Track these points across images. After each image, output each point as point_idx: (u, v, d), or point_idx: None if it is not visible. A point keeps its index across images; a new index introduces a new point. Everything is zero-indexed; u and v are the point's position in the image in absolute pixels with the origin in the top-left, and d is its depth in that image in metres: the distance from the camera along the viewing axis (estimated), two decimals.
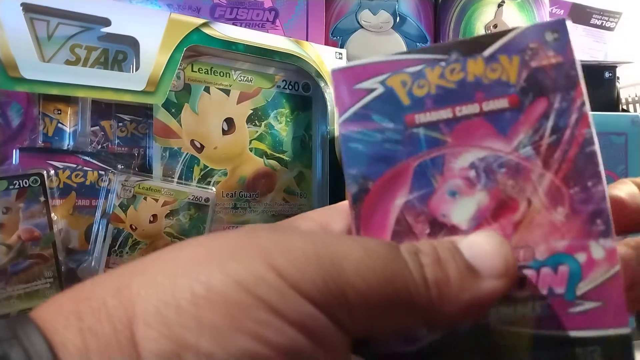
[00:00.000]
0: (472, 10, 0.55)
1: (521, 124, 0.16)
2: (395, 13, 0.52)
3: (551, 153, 0.16)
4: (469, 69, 0.17)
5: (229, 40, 0.37)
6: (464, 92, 0.17)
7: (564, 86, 0.16)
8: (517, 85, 0.16)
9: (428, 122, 0.17)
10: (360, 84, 0.17)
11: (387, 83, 0.17)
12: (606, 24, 0.64)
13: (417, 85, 0.17)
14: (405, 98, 0.17)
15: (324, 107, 0.42)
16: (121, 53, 0.35)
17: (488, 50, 0.17)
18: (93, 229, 0.35)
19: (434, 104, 0.17)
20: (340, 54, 0.43)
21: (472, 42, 0.17)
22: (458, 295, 0.15)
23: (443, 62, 0.17)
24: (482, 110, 0.17)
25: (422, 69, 0.17)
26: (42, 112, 0.35)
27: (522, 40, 0.16)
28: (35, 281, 0.33)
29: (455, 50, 0.17)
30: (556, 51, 0.16)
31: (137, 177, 0.36)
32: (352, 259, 0.15)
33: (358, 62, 0.17)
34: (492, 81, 0.17)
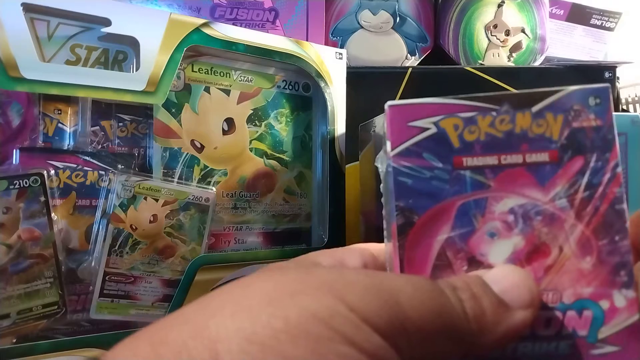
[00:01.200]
0: (472, 10, 0.55)
1: (559, 178, 0.18)
2: (395, 13, 0.52)
3: (584, 207, 0.18)
4: (518, 121, 0.18)
5: (229, 40, 0.37)
6: (510, 142, 0.18)
7: (601, 147, 0.18)
8: (558, 142, 0.18)
9: (475, 166, 0.18)
10: (415, 122, 0.18)
11: (441, 124, 0.18)
12: (606, 24, 0.64)
13: (468, 130, 0.18)
14: (456, 141, 0.18)
15: (324, 107, 0.42)
16: (121, 53, 0.35)
17: (537, 106, 0.18)
18: (93, 229, 0.35)
19: (482, 150, 0.18)
20: (340, 54, 0.43)
21: (523, 97, 0.18)
22: (494, 327, 0.17)
23: (494, 112, 0.18)
24: (524, 161, 0.18)
25: (474, 116, 0.18)
26: (42, 112, 0.35)
27: (568, 101, 0.18)
28: (35, 281, 0.33)
29: (507, 102, 0.18)
30: (597, 115, 0.18)
31: (137, 177, 0.36)
32: (406, 293, 0.16)
33: (415, 101, 0.18)
34: (536, 135, 0.18)
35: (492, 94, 0.18)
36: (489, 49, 0.55)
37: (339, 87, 0.43)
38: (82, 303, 0.35)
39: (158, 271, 0.36)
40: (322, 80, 0.42)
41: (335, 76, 0.42)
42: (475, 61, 0.55)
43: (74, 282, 0.35)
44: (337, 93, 0.43)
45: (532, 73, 0.51)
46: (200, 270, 0.36)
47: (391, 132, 0.18)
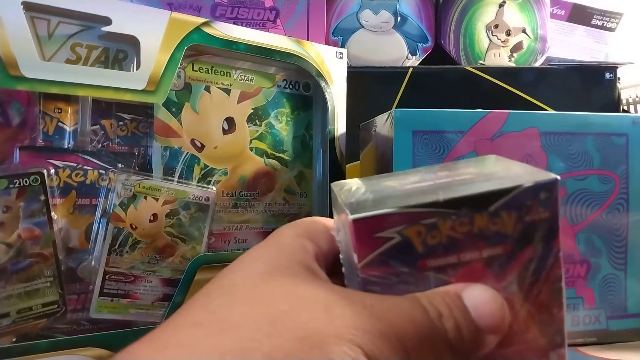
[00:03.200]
0: (473, 10, 0.55)
1: (511, 268, 0.20)
2: (396, 13, 0.52)
3: (530, 289, 0.20)
4: (476, 222, 0.19)
5: (230, 39, 0.37)
6: (468, 242, 0.19)
7: (547, 237, 0.20)
8: (512, 237, 0.19)
9: (437, 266, 0.19)
10: (380, 233, 0.19)
11: (405, 233, 0.19)
12: (607, 25, 0.64)
13: (430, 235, 0.19)
14: (420, 246, 0.19)
15: (324, 106, 0.42)
16: (122, 52, 0.35)
17: (493, 206, 0.19)
18: (93, 228, 0.35)
19: (443, 251, 0.19)
20: (340, 54, 0.43)
21: (480, 199, 0.19)
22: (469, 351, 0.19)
23: (454, 216, 0.19)
24: (481, 256, 0.20)
25: (435, 222, 0.19)
26: (42, 110, 0.35)
27: (522, 198, 0.19)
28: (35, 280, 0.33)
29: (466, 205, 0.19)
30: (546, 207, 0.19)
31: (137, 176, 0.36)
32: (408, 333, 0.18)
33: (376, 213, 0.19)
34: (492, 232, 0.19)
35: (450, 198, 0.19)
36: (490, 49, 0.55)
37: (339, 87, 0.43)
38: (82, 302, 0.35)
39: (158, 270, 0.36)
40: (323, 80, 0.42)
41: (336, 76, 0.42)
42: (476, 61, 0.55)
43: (74, 281, 0.35)
44: (338, 92, 0.42)
45: (533, 73, 0.51)
46: (200, 269, 0.36)
47: (357, 245, 0.19)
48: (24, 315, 0.33)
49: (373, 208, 0.19)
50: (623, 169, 0.37)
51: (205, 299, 0.19)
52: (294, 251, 0.21)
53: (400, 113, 0.34)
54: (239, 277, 0.20)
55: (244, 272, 0.20)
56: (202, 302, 0.19)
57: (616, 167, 0.37)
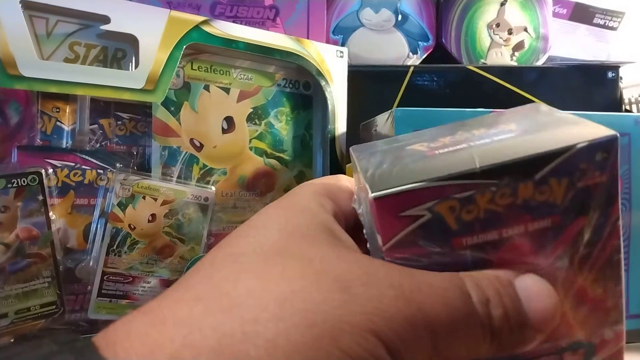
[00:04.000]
0: (475, 9, 0.54)
1: (561, 242, 0.17)
2: (396, 11, 0.52)
3: (583, 263, 0.18)
4: (519, 193, 0.17)
5: (229, 38, 0.37)
6: (511, 215, 0.17)
7: (604, 204, 0.17)
8: (562, 207, 0.17)
9: (475, 244, 0.17)
10: (406, 212, 0.16)
11: (435, 209, 0.16)
12: (609, 24, 0.63)
13: (466, 211, 0.17)
14: (454, 223, 0.17)
15: (324, 106, 0.42)
16: (120, 51, 0.34)
17: (540, 173, 0.16)
18: (91, 228, 0.35)
19: (481, 227, 0.17)
20: (341, 53, 0.42)
21: (525, 165, 0.16)
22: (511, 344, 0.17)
23: (494, 187, 0.16)
24: (526, 231, 0.17)
25: (472, 195, 0.16)
26: (40, 110, 0.35)
27: (573, 161, 0.16)
28: (33, 280, 0.33)
29: (508, 174, 0.16)
30: (602, 170, 0.17)
31: (135, 176, 0.35)
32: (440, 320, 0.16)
33: (403, 188, 0.16)
34: (539, 203, 0.17)
35: (488, 166, 0.16)
36: (492, 48, 0.55)
37: (339, 86, 0.42)
38: (80, 303, 0.35)
39: (157, 271, 0.36)
40: (323, 79, 0.41)
41: (336, 74, 0.42)
42: (477, 60, 0.55)
43: (72, 282, 0.35)
44: (338, 92, 0.42)
45: (534, 72, 0.50)
46: None
47: (381, 226, 0.17)
48: (22, 315, 0.33)
49: (397, 182, 0.16)
50: (625, 168, 0.37)
51: (210, 268, 0.17)
52: (311, 211, 0.19)
53: (401, 112, 0.34)
54: (249, 245, 0.17)
55: (254, 240, 0.18)
56: (206, 272, 0.17)
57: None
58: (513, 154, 0.16)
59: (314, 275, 0.16)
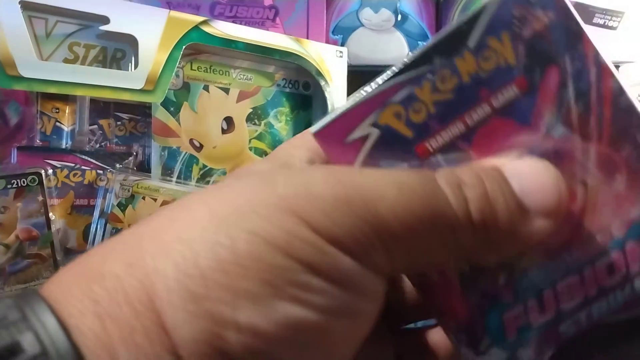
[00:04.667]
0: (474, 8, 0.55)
1: (541, 105, 0.14)
2: (396, 11, 0.52)
3: (586, 121, 0.14)
4: (460, 68, 0.14)
5: (229, 38, 0.37)
6: (465, 97, 0.15)
7: (569, 43, 0.14)
8: (519, 66, 0.14)
9: (443, 145, 0.15)
10: (351, 135, 0.15)
11: (380, 122, 0.15)
12: (609, 23, 0.63)
13: (412, 112, 0.15)
14: (407, 130, 0.15)
15: (324, 106, 0.42)
16: (120, 51, 0.34)
17: (472, 39, 0.14)
18: (91, 228, 0.35)
19: (440, 123, 0.15)
20: (340, 52, 0.42)
21: (450, 38, 0.14)
22: (504, 235, 0.14)
23: (429, 74, 0.14)
24: (493, 108, 0.15)
25: (410, 92, 0.15)
26: (40, 110, 0.35)
27: (504, 12, 0.14)
28: (33, 281, 0.33)
29: (436, 54, 0.14)
30: (545, 8, 0.14)
31: (135, 177, 0.35)
32: (386, 200, 0.13)
33: (335, 115, 0.15)
34: (490, 72, 0.14)
35: (413, 55, 0.14)
36: None
37: (339, 86, 0.42)
38: None
39: None
40: (323, 79, 0.41)
41: (336, 75, 0.42)
42: None
43: None
44: (338, 92, 0.42)
45: None
46: None
47: (333, 159, 0.15)
48: None
49: (332, 114, 0.15)
50: None
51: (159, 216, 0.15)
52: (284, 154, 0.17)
53: None
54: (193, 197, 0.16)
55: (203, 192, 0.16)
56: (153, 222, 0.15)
57: None
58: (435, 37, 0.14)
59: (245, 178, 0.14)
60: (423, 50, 0.15)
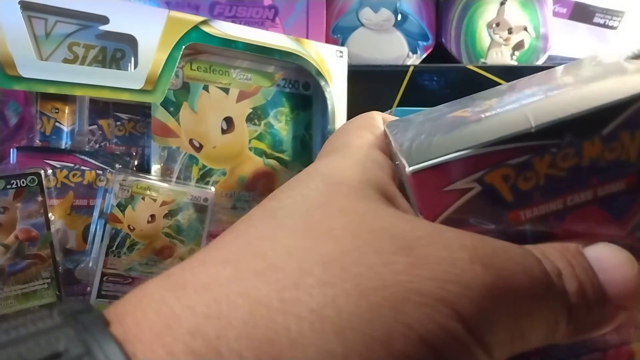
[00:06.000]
0: (475, 8, 0.54)
1: (638, 208, 0.15)
2: (396, 11, 0.52)
3: None
4: (585, 152, 0.14)
5: (228, 38, 0.37)
6: (577, 179, 0.14)
7: None
8: (637, 164, 0.14)
9: (536, 217, 0.15)
10: (451, 185, 0.14)
11: (486, 180, 0.14)
12: (609, 23, 0.63)
13: (522, 179, 0.14)
14: (509, 194, 0.14)
15: (324, 106, 0.42)
16: (119, 51, 0.34)
17: (608, 127, 0.14)
18: (91, 229, 0.35)
19: (542, 197, 0.14)
20: (340, 52, 0.42)
21: (590, 120, 0.14)
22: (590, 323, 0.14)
23: (554, 149, 0.14)
24: (596, 196, 0.14)
25: (528, 159, 0.14)
26: (39, 110, 0.35)
27: None
28: (32, 282, 0.33)
29: (570, 131, 0.14)
30: None
31: (135, 177, 0.35)
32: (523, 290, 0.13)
33: (443, 159, 0.14)
34: (609, 162, 0.14)
35: (549, 123, 0.14)
36: (492, 47, 0.55)
37: (339, 86, 0.42)
38: None
39: (156, 272, 0.36)
40: (322, 79, 0.41)
41: (336, 75, 0.42)
42: (477, 59, 0.55)
43: (72, 283, 0.35)
44: (338, 92, 0.42)
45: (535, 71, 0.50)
46: None
47: (422, 204, 0.14)
48: None
49: (438, 152, 0.14)
50: None
51: (244, 225, 0.14)
52: (364, 166, 0.16)
53: (400, 112, 0.34)
54: (289, 198, 0.14)
55: (295, 193, 0.15)
56: (239, 229, 0.14)
57: None
58: (574, 107, 0.14)
59: (368, 233, 0.13)
60: (558, 123, 0.14)
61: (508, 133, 0.14)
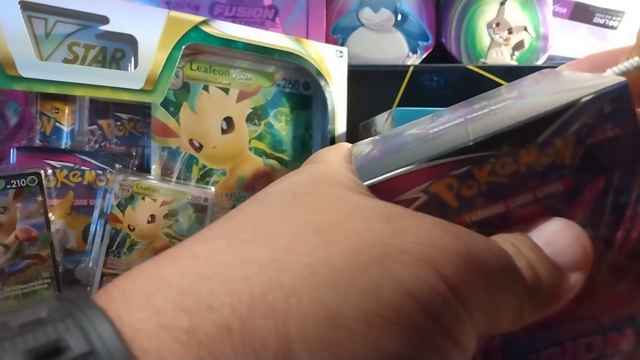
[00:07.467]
0: (474, 8, 0.54)
1: (578, 206, 0.15)
2: (396, 11, 0.52)
3: (613, 232, 0.16)
4: (522, 159, 0.15)
5: (228, 38, 0.37)
6: (516, 183, 0.15)
7: (625, 160, 0.15)
8: (572, 167, 0.15)
9: (480, 220, 0.16)
10: (401, 196, 0.15)
11: (431, 190, 0.15)
12: (609, 23, 0.63)
13: (465, 187, 0.15)
14: (453, 201, 0.15)
15: (324, 106, 0.42)
16: (119, 51, 0.34)
17: (542, 137, 0.15)
18: (91, 229, 0.35)
19: (485, 201, 0.15)
20: (340, 52, 0.42)
21: (524, 131, 0.15)
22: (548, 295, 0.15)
23: (492, 159, 0.15)
24: (535, 198, 0.15)
25: (469, 170, 0.15)
26: (39, 110, 0.35)
27: (579, 118, 0.15)
28: (32, 282, 0.33)
29: (506, 143, 0.15)
30: (615, 123, 0.15)
31: (135, 177, 0.35)
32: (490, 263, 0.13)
33: (394, 173, 0.15)
34: (545, 166, 0.15)
35: (482, 138, 0.15)
36: (492, 47, 0.55)
37: (339, 86, 0.42)
38: None
39: None
40: (322, 79, 0.41)
41: (336, 74, 0.42)
42: (477, 59, 0.55)
43: (72, 283, 0.35)
44: (338, 91, 0.42)
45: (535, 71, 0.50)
46: None
47: None
48: None
49: (385, 169, 0.15)
50: None
51: (235, 211, 0.15)
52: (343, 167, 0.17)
53: (400, 112, 0.34)
54: (278, 190, 0.15)
55: (283, 184, 0.16)
56: (231, 215, 0.15)
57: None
58: (509, 121, 0.15)
59: (353, 208, 0.14)
60: (493, 134, 0.15)
61: (448, 149, 0.15)
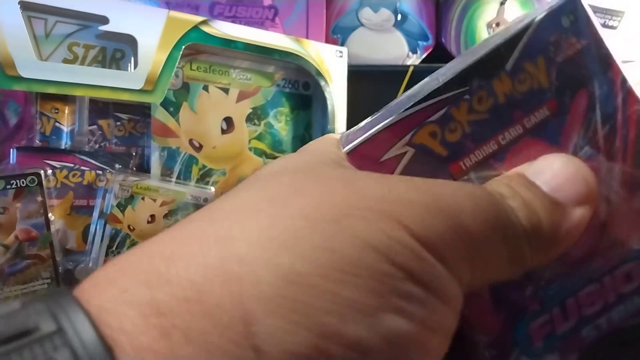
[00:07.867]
0: (474, 8, 0.54)
1: (570, 127, 0.15)
2: (396, 11, 0.52)
3: (611, 143, 0.15)
4: (497, 90, 0.15)
5: (228, 38, 0.37)
6: (500, 117, 0.15)
7: (598, 69, 0.15)
8: (551, 89, 0.15)
9: (476, 164, 0.15)
10: (386, 155, 0.15)
11: (415, 141, 0.15)
12: (609, 23, 0.63)
13: (448, 131, 0.15)
14: (441, 149, 0.15)
15: (324, 106, 0.42)
16: (119, 51, 0.34)
17: (509, 62, 0.15)
18: (90, 229, 0.35)
19: (474, 143, 0.15)
20: (340, 52, 0.42)
21: (489, 60, 0.15)
22: (551, 234, 0.14)
23: (467, 95, 0.15)
24: (526, 129, 0.15)
25: (446, 112, 0.15)
26: (39, 111, 0.35)
27: (540, 37, 0.15)
28: (32, 282, 0.33)
29: (475, 76, 0.15)
30: (578, 35, 0.15)
31: (135, 177, 0.35)
32: (467, 212, 0.13)
33: (370, 133, 0.15)
34: (524, 94, 0.15)
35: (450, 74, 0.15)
36: None
37: (339, 86, 0.42)
38: None
39: None
40: (322, 79, 0.41)
41: (336, 74, 0.42)
42: None
43: (72, 283, 0.35)
44: (338, 91, 0.42)
45: None
46: None
47: None
48: None
49: (364, 130, 0.15)
50: None
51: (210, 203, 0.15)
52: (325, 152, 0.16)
53: None
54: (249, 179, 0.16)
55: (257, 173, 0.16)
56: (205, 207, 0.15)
57: None
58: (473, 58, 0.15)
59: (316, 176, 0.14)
60: (461, 71, 0.15)
61: (421, 96, 0.15)
